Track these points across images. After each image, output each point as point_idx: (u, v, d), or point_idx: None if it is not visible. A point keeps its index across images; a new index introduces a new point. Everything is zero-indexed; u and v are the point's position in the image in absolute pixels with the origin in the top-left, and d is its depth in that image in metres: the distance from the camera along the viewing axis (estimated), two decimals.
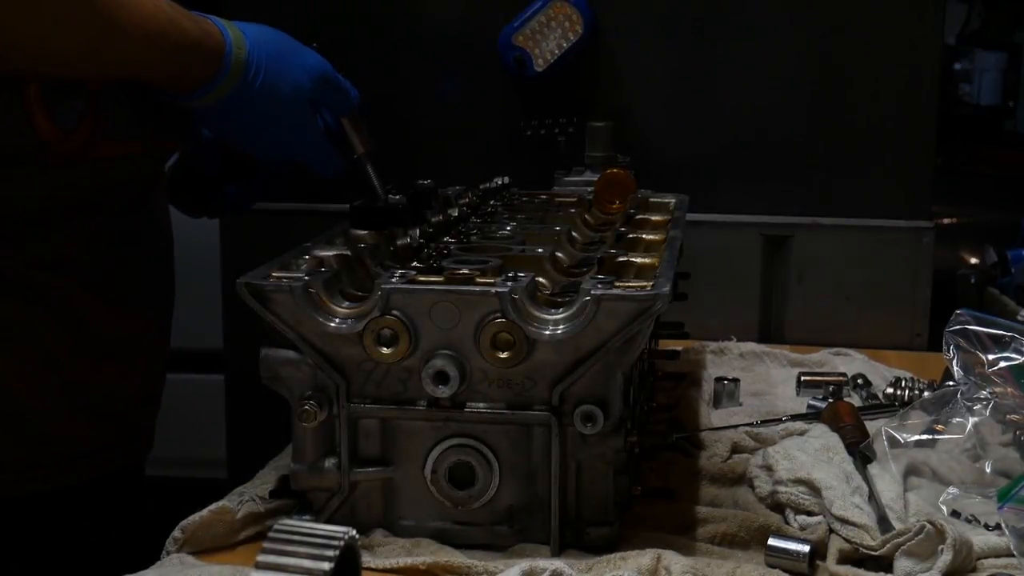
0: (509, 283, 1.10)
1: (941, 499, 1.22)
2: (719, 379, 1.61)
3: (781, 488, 1.24)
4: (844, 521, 1.16)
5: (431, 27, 2.01)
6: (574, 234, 1.44)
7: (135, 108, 1.31)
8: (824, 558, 1.14)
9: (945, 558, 1.07)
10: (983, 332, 1.33)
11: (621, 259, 1.28)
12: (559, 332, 1.09)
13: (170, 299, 1.47)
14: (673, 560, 1.08)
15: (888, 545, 1.11)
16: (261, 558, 0.72)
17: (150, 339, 1.41)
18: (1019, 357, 1.30)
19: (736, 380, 1.61)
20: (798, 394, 1.63)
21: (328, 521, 1.14)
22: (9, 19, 1.11)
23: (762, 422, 1.47)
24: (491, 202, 1.64)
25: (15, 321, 1.24)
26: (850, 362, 1.76)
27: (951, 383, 1.34)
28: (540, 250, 1.31)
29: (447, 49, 2.01)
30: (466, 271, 1.13)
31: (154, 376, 1.43)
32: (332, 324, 1.12)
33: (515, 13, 1.92)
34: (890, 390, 1.59)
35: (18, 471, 1.26)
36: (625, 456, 1.15)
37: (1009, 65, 3.89)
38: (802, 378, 1.65)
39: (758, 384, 1.69)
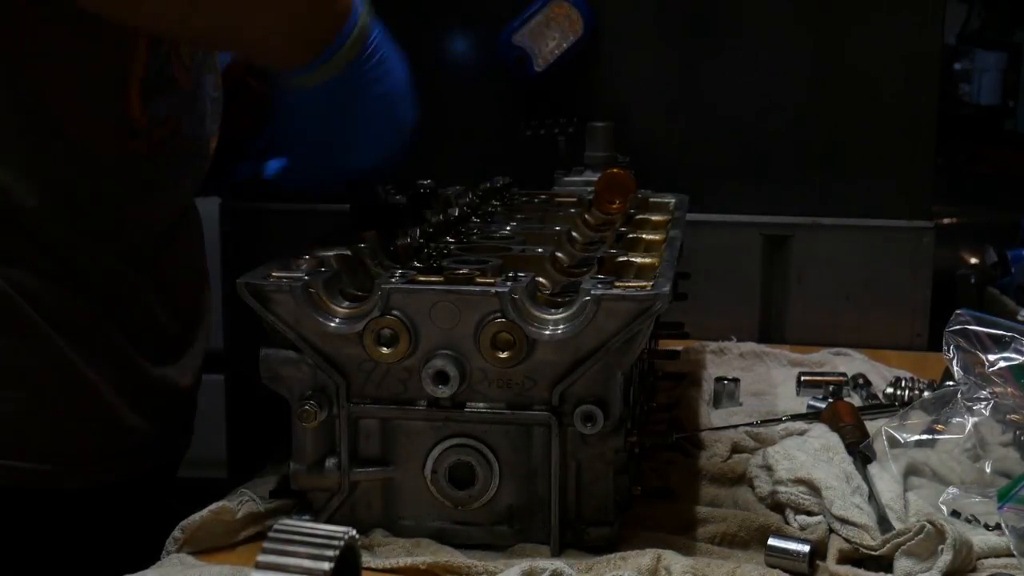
0: (509, 283, 1.10)
1: (941, 499, 1.22)
2: (719, 379, 1.61)
3: (781, 488, 1.24)
4: (844, 521, 1.16)
5: (431, 27, 2.01)
6: (574, 234, 1.44)
7: (214, 106, 1.32)
8: (824, 558, 1.14)
9: (945, 558, 1.07)
10: (983, 332, 1.33)
11: (621, 259, 1.28)
12: (559, 332, 1.09)
13: (209, 295, 1.50)
14: (673, 560, 1.08)
15: (888, 545, 1.11)
16: (261, 558, 0.72)
17: (199, 335, 1.44)
18: (1019, 357, 1.30)
19: (736, 380, 1.61)
20: (798, 394, 1.63)
21: (328, 521, 1.14)
22: None
23: (762, 422, 1.47)
24: (491, 202, 1.64)
25: (78, 313, 1.25)
26: (850, 362, 1.76)
27: (951, 383, 1.34)
28: (540, 250, 1.31)
29: (447, 49, 2.01)
30: (466, 271, 1.13)
31: (198, 372, 1.46)
32: (332, 324, 1.12)
33: (515, 13, 1.92)
34: (890, 390, 1.59)
35: (93, 462, 1.28)
36: (625, 456, 1.15)
37: (1009, 65, 3.88)
38: (802, 378, 1.65)
39: (758, 384, 1.69)
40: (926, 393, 1.50)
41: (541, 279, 1.21)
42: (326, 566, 0.71)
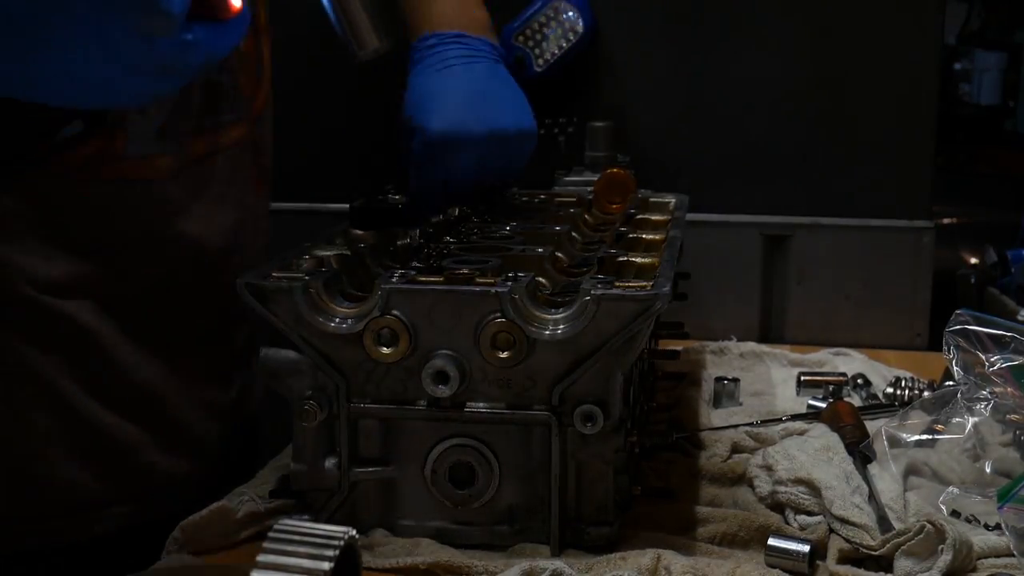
0: (509, 283, 1.10)
1: (941, 499, 1.22)
2: (719, 379, 1.61)
3: (781, 488, 1.24)
4: (844, 521, 1.16)
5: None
6: (574, 234, 1.44)
7: (160, 127, 1.19)
8: (824, 558, 1.14)
9: (945, 558, 1.07)
10: (983, 332, 1.32)
11: (621, 259, 1.28)
12: (559, 332, 1.09)
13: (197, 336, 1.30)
14: (673, 560, 1.08)
15: (888, 545, 1.11)
16: (261, 558, 0.72)
17: (177, 380, 1.26)
18: (1019, 357, 1.30)
19: (736, 380, 1.61)
20: (798, 394, 1.63)
21: (328, 521, 1.14)
22: None
23: (762, 422, 1.47)
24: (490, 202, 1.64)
25: (12, 352, 1.13)
26: (850, 362, 1.76)
27: (951, 383, 1.33)
28: (540, 250, 1.31)
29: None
30: (466, 271, 1.13)
31: (182, 422, 1.29)
32: (332, 324, 1.12)
33: (515, 13, 1.92)
34: (890, 390, 1.59)
35: (15, 521, 1.16)
36: (625, 456, 1.15)
37: (1009, 65, 3.88)
38: (802, 378, 1.65)
39: (758, 384, 1.69)
40: (926, 393, 1.51)
41: (541, 279, 1.21)
42: (326, 566, 0.71)
